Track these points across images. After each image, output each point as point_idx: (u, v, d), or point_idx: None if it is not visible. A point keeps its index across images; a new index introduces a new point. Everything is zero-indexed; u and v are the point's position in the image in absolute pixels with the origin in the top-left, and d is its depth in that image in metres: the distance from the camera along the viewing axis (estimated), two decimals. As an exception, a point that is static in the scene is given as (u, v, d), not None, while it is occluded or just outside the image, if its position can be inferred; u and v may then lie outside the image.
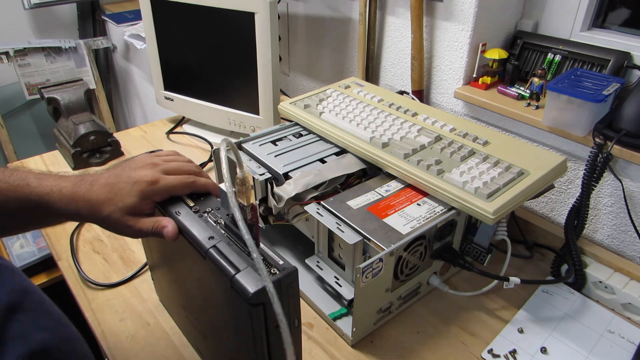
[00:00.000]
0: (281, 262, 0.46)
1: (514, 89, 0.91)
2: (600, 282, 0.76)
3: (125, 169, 0.54)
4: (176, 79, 1.22)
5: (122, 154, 1.16)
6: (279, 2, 1.18)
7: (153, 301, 0.75)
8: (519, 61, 0.95)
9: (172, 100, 1.24)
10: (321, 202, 0.71)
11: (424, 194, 0.73)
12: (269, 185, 0.76)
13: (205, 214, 0.53)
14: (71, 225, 0.92)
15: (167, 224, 0.51)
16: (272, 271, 0.44)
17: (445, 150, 0.75)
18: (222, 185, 0.51)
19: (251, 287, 0.42)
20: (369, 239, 0.64)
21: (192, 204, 0.54)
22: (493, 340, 0.70)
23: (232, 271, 0.44)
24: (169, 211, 0.53)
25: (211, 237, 0.49)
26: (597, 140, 0.75)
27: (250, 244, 0.41)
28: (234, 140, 0.86)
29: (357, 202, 0.71)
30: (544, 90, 0.85)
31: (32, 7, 1.94)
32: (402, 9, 1.05)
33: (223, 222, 0.51)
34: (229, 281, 0.44)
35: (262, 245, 0.48)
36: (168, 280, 0.67)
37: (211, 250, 0.47)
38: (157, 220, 0.52)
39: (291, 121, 0.93)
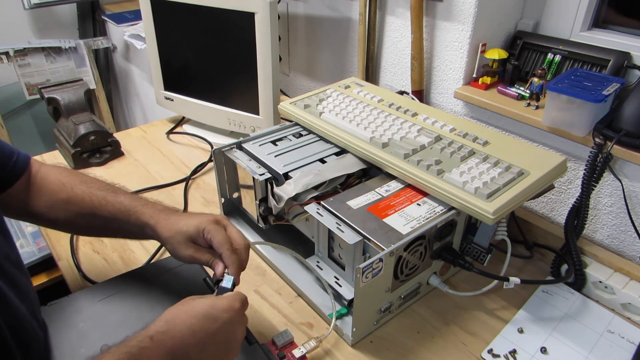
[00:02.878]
0: None
1: (514, 89, 0.91)
2: (600, 282, 0.76)
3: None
4: (176, 79, 1.22)
5: (122, 154, 1.16)
6: (279, 2, 1.18)
7: (153, 301, 0.75)
8: (519, 61, 0.95)
9: (172, 100, 1.24)
10: (321, 202, 0.71)
11: (424, 194, 0.73)
12: (269, 185, 0.77)
13: None
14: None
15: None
16: None
17: (445, 151, 0.75)
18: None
19: None
20: (369, 239, 0.64)
21: None
22: (493, 340, 0.70)
23: None
24: None
25: None
26: (597, 140, 0.75)
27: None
28: (234, 140, 0.86)
29: (357, 202, 0.71)
30: (544, 90, 0.85)
31: (32, 7, 1.94)
32: (402, 9, 1.05)
33: None
34: None
35: None
36: None
37: None
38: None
39: (291, 121, 0.93)
